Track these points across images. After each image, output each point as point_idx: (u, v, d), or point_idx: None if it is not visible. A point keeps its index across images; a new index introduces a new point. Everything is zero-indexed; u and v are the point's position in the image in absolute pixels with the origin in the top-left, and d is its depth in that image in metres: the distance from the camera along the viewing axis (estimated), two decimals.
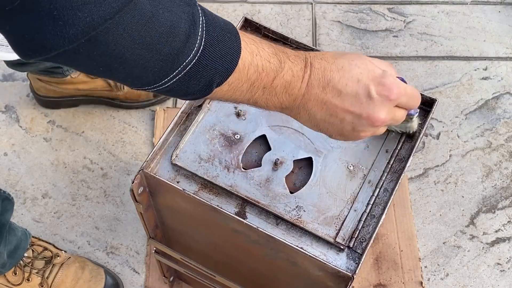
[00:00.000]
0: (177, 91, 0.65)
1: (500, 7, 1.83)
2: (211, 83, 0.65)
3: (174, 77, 0.62)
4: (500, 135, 1.60)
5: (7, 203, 1.16)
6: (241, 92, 0.68)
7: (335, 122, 0.72)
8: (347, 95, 0.71)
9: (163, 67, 0.60)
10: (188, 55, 0.61)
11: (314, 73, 0.70)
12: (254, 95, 0.69)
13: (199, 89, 0.65)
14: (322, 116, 0.72)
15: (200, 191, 0.86)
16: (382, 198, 0.86)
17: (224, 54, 0.64)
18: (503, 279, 1.41)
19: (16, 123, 1.57)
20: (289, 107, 0.72)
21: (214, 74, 0.64)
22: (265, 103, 0.71)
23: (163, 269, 1.26)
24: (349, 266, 0.80)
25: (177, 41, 0.59)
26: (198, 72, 0.63)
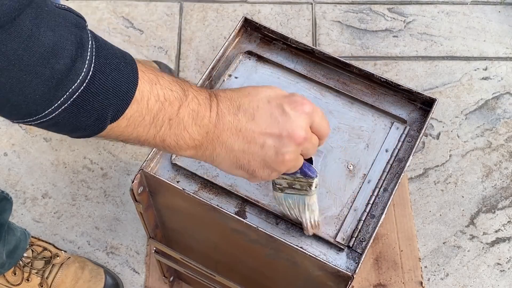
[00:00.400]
0: (65, 125, 0.57)
1: (500, 7, 1.83)
2: (104, 116, 0.58)
3: (60, 107, 0.55)
4: (500, 135, 1.60)
5: (6, 203, 1.16)
6: (143, 127, 0.61)
7: (255, 150, 0.67)
8: (261, 117, 0.66)
9: (44, 94, 0.53)
10: (75, 81, 0.55)
11: (222, 101, 0.66)
12: (160, 131, 0.62)
13: (90, 123, 0.58)
14: (240, 146, 0.66)
15: (200, 191, 0.86)
16: (382, 198, 0.86)
17: (118, 83, 0.58)
18: (503, 279, 1.41)
19: None
20: (203, 144, 0.66)
21: (107, 105, 0.57)
22: (175, 141, 0.64)
23: (163, 269, 1.26)
24: (349, 266, 0.80)
25: (61, 64, 0.53)
26: (88, 102, 0.56)
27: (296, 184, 0.76)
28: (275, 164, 0.68)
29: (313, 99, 0.93)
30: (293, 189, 0.77)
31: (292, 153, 0.68)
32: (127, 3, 1.77)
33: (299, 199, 0.78)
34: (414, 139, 0.90)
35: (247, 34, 1.00)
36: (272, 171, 0.69)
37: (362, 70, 0.94)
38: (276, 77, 0.96)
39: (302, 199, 0.78)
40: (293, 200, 0.79)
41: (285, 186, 0.77)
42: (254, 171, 0.69)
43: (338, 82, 0.95)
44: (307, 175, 0.74)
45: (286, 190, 0.77)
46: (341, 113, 0.92)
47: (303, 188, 0.76)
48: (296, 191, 0.77)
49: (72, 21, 0.56)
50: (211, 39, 1.72)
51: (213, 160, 0.68)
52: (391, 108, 0.93)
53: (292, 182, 0.76)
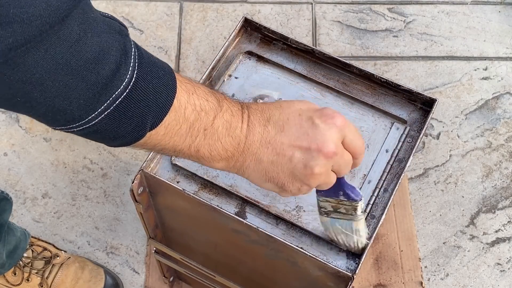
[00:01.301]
0: (106, 132, 0.58)
1: (500, 7, 1.83)
2: (144, 123, 0.59)
3: (103, 112, 0.56)
4: (500, 135, 1.60)
5: (5, 203, 1.16)
6: (180, 136, 0.62)
7: (283, 162, 0.67)
8: (290, 130, 0.66)
9: (89, 99, 0.54)
10: (118, 87, 0.56)
11: (253, 113, 0.67)
12: (196, 140, 0.63)
13: (130, 130, 0.59)
14: (269, 158, 0.66)
15: (200, 191, 0.86)
16: (382, 199, 0.86)
17: (158, 91, 0.59)
18: (503, 279, 1.41)
19: (16, 123, 1.57)
20: (234, 155, 0.66)
21: (147, 112, 0.59)
22: (208, 151, 0.65)
23: (163, 269, 1.26)
24: (349, 266, 0.80)
25: (106, 69, 0.54)
26: (129, 109, 0.57)
27: (341, 208, 0.75)
28: (303, 177, 0.67)
29: (313, 99, 0.93)
30: (338, 213, 0.76)
31: (321, 166, 0.67)
32: (127, 3, 1.77)
33: (346, 224, 0.77)
34: (414, 140, 0.90)
35: (247, 34, 1.00)
36: (302, 184, 0.68)
37: (362, 70, 0.94)
38: (276, 77, 0.96)
39: (349, 224, 0.76)
40: (340, 224, 0.77)
41: (330, 210, 0.76)
42: (283, 184, 0.68)
43: (338, 82, 0.95)
44: (350, 198, 0.73)
45: (332, 214, 0.76)
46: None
47: (349, 212, 0.75)
48: (342, 215, 0.76)
49: (116, 29, 0.57)
50: (211, 39, 1.72)
51: (243, 172, 0.68)
52: (391, 108, 0.93)
53: (336, 205, 0.75)
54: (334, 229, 0.78)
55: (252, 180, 0.69)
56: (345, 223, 0.77)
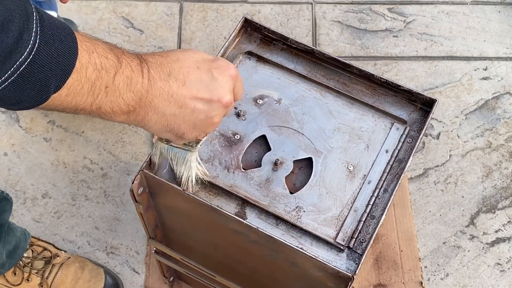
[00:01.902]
0: (8, 98, 0.58)
1: (500, 7, 1.83)
2: (47, 87, 0.59)
3: (6, 80, 0.56)
4: (500, 135, 1.60)
5: (6, 203, 1.16)
6: (82, 95, 0.63)
7: (186, 114, 0.70)
8: (191, 83, 0.69)
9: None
10: (22, 54, 0.55)
11: (153, 67, 0.68)
12: (97, 98, 0.64)
13: (34, 94, 0.59)
14: (171, 111, 0.69)
15: (200, 192, 0.86)
16: (382, 199, 0.86)
17: (60, 54, 0.59)
18: (503, 279, 1.41)
19: (16, 123, 1.57)
20: (136, 109, 0.68)
21: (50, 76, 0.59)
22: (110, 107, 0.66)
23: (163, 269, 1.26)
24: (349, 267, 0.80)
25: (10, 37, 0.54)
26: (33, 74, 0.57)
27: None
28: (203, 126, 0.73)
29: (313, 99, 0.93)
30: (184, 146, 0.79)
31: (220, 116, 0.73)
32: (127, 3, 1.77)
33: (181, 154, 0.80)
34: (414, 140, 0.90)
35: (247, 34, 1.00)
36: (200, 133, 0.74)
37: (362, 71, 0.94)
38: (276, 78, 0.96)
39: (183, 154, 0.80)
40: (175, 153, 0.80)
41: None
42: (183, 133, 0.72)
43: (338, 83, 0.95)
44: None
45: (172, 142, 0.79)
46: (341, 114, 0.92)
47: (190, 143, 0.78)
48: (182, 145, 0.79)
49: None
50: (211, 39, 1.72)
51: (144, 124, 0.70)
52: (391, 108, 0.93)
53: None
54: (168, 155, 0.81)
55: (151, 131, 0.72)
56: (181, 152, 0.80)
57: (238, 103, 0.92)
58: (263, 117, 0.92)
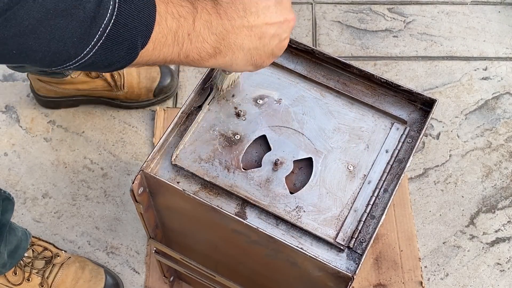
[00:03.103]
0: (101, 62, 0.61)
1: (500, 7, 1.83)
2: (135, 44, 0.62)
3: (95, 45, 0.58)
4: (500, 135, 1.60)
5: (8, 203, 1.16)
6: (168, 47, 0.65)
7: (265, 43, 0.74)
8: (263, 12, 0.72)
9: (82, 35, 0.57)
10: (105, 16, 0.58)
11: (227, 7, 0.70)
12: (183, 47, 0.67)
13: (123, 54, 0.62)
14: (254, 44, 0.73)
15: (200, 192, 0.86)
16: (382, 199, 0.86)
17: (140, 9, 0.61)
18: (503, 279, 1.41)
19: (17, 123, 1.57)
20: (222, 51, 0.71)
21: (136, 33, 0.61)
22: (197, 54, 0.68)
23: (163, 269, 1.26)
24: (349, 267, 0.80)
25: (92, 2, 0.56)
26: (119, 34, 0.59)
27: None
28: (279, 51, 0.78)
29: (313, 99, 0.94)
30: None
31: (288, 36, 0.78)
32: None
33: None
34: (414, 140, 0.90)
35: None
36: (275, 57, 0.78)
37: (362, 71, 0.94)
38: (276, 78, 0.96)
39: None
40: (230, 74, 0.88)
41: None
42: (263, 62, 0.77)
43: (338, 83, 0.96)
44: None
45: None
46: (341, 114, 0.93)
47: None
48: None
49: None
50: None
51: (231, 64, 0.74)
52: (391, 108, 0.93)
53: None
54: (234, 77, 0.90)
55: (237, 69, 0.76)
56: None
57: (238, 103, 0.93)
58: (263, 117, 0.92)
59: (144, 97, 1.57)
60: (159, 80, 1.56)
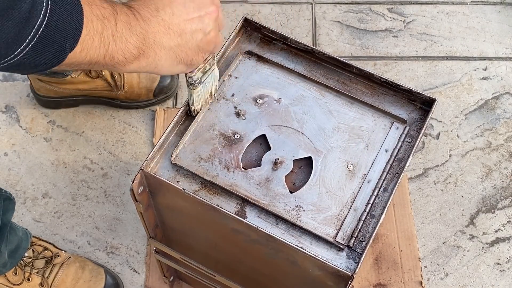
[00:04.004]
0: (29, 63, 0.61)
1: (500, 7, 1.83)
2: (64, 46, 0.62)
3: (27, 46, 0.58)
4: (500, 135, 1.60)
5: (9, 203, 1.16)
6: (94, 49, 0.66)
7: (187, 39, 0.74)
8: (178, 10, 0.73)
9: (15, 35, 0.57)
10: (38, 17, 0.58)
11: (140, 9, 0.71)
12: (109, 48, 0.67)
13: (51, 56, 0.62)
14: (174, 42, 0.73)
15: (200, 191, 0.86)
16: (381, 198, 0.86)
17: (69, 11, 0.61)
18: (503, 279, 1.41)
19: (17, 123, 1.57)
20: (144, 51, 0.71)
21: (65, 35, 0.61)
22: (122, 55, 0.69)
23: (163, 269, 1.26)
24: (349, 266, 0.80)
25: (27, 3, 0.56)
26: (50, 36, 0.60)
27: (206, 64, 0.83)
28: (206, 45, 0.77)
29: (313, 99, 0.94)
30: (206, 73, 0.85)
31: (215, 30, 0.77)
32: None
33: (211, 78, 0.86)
34: (414, 139, 0.90)
35: (247, 34, 1.00)
36: (205, 53, 0.78)
37: (362, 70, 0.94)
38: (276, 77, 0.96)
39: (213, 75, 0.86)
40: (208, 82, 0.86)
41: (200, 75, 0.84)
42: (192, 60, 0.77)
43: (338, 82, 0.96)
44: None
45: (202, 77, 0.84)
46: (341, 113, 0.93)
47: (211, 64, 0.84)
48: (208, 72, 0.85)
49: None
50: None
51: (156, 65, 0.74)
52: (391, 108, 0.93)
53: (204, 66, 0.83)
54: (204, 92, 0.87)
55: (164, 70, 0.76)
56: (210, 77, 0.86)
57: (238, 103, 0.93)
58: (263, 116, 0.92)
59: (144, 97, 1.57)
60: (159, 80, 1.56)
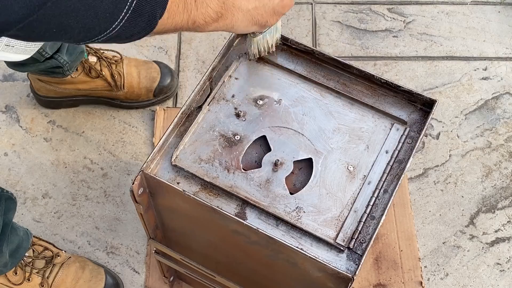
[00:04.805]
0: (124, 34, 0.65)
1: (500, 7, 1.83)
2: (154, 15, 0.66)
3: (123, 19, 0.63)
4: (499, 135, 1.60)
5: (10, 203, 1.16)
6: (179, 14, 0.70)
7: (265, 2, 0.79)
8: None
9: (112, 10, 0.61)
10: None
11: None
12: (191, 14, 0.71)
13: (144, 25, 0.66)
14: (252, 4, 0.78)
15: (200, 192, 0.86)
16: (382, 199, 0.86)
17: None
18: (503, 279, 1.41)
19: (17, 123, 1.57)
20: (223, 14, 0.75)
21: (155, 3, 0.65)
22: (203, 19, 0.73)
23: (163, 269, 1.26)
24: (349, 267, 0.80)
25: None
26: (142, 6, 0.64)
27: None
28: (281, 8, 0.82)
29: (313, 100, 0.94)
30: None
31: None
32: None
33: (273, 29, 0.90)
34: (414, 141, 0.90)
35: None
36: (279, 16, 0.83)
37: (362, 71, 0.94)
38: (276, 78, 0.96)
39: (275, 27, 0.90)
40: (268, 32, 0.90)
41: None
42: (266, 21, 0.82)
43: (338, 83, 0.96)
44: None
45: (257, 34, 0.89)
46: (341, 114, 0.93)
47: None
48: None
49: None
50: (211, 39, 1.72)
51: (233, 26, 0.79)
52: (391, 109, 0.93)
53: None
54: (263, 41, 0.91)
55: (239, 30, 0.81)
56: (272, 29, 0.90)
57: (238, 104, 0.93)
58: (263, 117, 0.92)
59: (144, 97, 1.57)
60: (159, 80, 1.56)
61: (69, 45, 1.37)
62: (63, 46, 1.36)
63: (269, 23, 0.84)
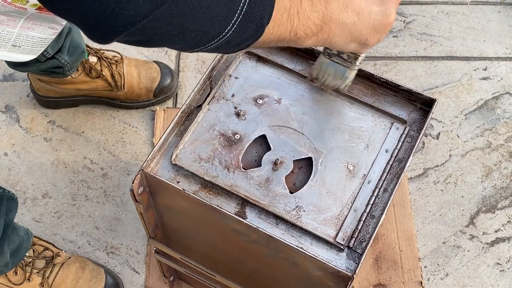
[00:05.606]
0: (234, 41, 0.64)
1: (500, 7, 1.83)
2: (262, 21, 0.65)
3: (235, 23, 0.62)
4: (499, 135, 1.60)
5: (11, 203, 1.16)
6: (283, 25, 0.69)
7: (364, 18, 0.76)
8: None
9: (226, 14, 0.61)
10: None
11: None
12: (294, 25, 0.70)
13: (252, 32, 0.65)
14: (351, 19, 0.75)
15: (200, 191, 0.86)
16: (382, 198, 0.86)
17: None
18: (503, 279, 1.41)
19: (16, 123, 1.57)
20: (322, 27, 0.73)
21: (263, 10, 0.65)
22: (303, 31, 0.72)
23: (163, 269, 1.26)
24: (349, 266, 0.80)
25: None
26: (252, 11, 0.63)
27: (345, 54, 0.84)
28: (382, 27, 0.79)
29: (313, 99, 0.94)
30: (340, 58, 0.86)
31: (394, 13, 0.79)
32: None
33: (340, 69, 0.87)
34: (414, 140, 0.90)
35: None
36: (380, 35, 0.79)
37: (362, 71, 0.94)
38: (276, 78, 0.96)
39: (343, 71, 0.87)
40: (335, 69, 0.87)
41: (334, 53, 0.85)
42: (366, 39, 0.78)
43: None
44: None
45: (334, 57, 0.86)
46: (341, 114, 0.93)
47: (349, 60, 0.85)
48: (342, 60, 0.86)
49: None
50: None
51: (331, 40, 0.76)
52: (391, 108, 0.93)
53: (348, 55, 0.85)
54: (327, 71, 0.88)
55: (338, 45, 0.77)
56: (340, 68, 0.87)
57: (238, 103, 0.93)
58: (263, 116, 0.92)
59: (144, 97, 1.57)
60: (159, 80, 1.56)
61: (70, 45, 1.37)
62: (64, 46, 1.36)
63: (369, 42, 0.79)
